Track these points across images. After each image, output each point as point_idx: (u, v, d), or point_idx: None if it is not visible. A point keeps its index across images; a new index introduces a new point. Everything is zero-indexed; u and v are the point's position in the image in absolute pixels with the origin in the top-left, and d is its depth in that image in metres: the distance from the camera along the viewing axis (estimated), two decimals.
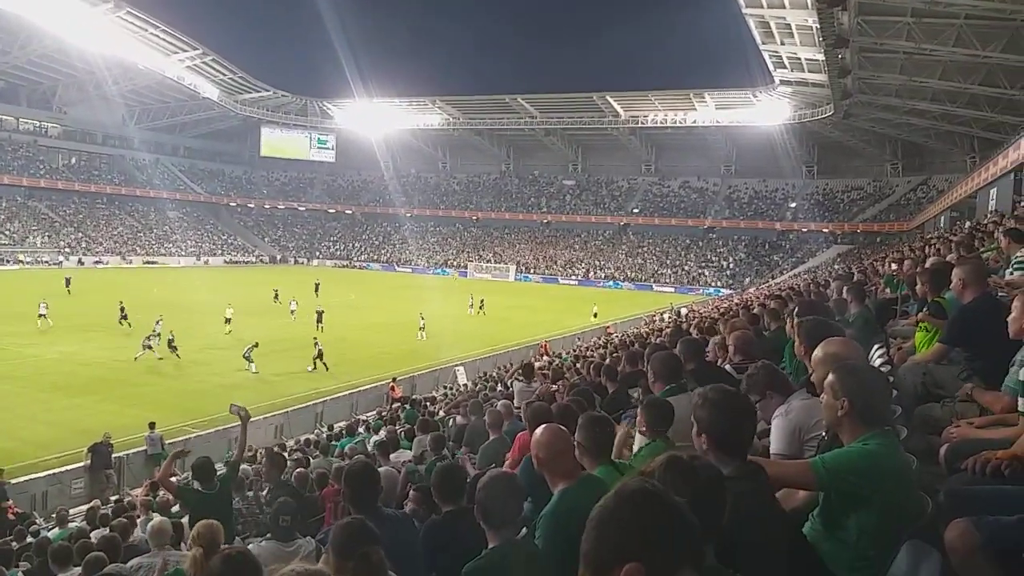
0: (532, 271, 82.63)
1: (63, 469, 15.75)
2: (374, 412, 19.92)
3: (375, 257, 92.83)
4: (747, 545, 2.21)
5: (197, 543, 4.71)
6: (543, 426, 3.69)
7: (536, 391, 9.48)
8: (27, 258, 68.78)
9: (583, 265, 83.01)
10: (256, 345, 26.83)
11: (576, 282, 78.00)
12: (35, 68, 78.66)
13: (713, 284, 72.91)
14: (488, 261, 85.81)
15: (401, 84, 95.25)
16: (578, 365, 14.90)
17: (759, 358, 4.84)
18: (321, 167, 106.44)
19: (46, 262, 69.27)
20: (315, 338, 28.95)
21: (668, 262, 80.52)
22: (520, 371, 12.10)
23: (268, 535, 5.47)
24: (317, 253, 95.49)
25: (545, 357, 24.67)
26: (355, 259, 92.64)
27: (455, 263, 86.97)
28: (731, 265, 77.24)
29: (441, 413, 13.69)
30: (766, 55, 52.06)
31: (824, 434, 3.26)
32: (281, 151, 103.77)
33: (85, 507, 13.09)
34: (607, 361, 10.74)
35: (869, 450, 2.65)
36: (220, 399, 22.40)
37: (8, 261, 66.75)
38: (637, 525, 1.57)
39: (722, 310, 21.12)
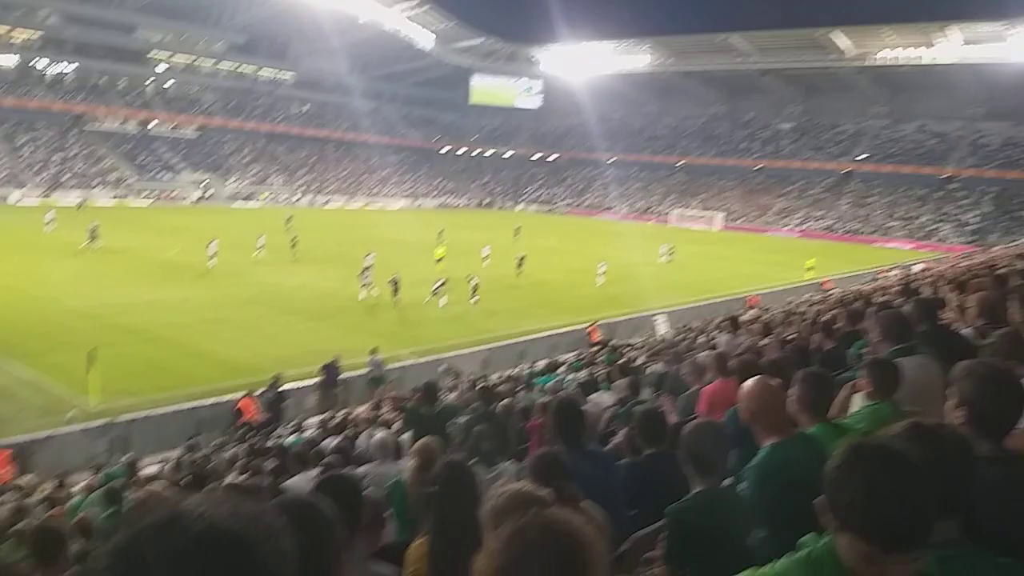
0: (741, 220, 78.97)
1: (299, 385, 17.71)
2: (573, 354, 20.32)
3: (576, 203, 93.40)
4: (999, 535, 2.04)
5: (416, 457, 5.14)
6: (755, 378, 3.59)
7: (743, 344, 9.17)
8: (268, 197, 77.13)
9: (798, 215, 78.00)
10: (445, 282, 28.14)
11: (789, 233, 73.57)
12: (272, 23, 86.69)
13: (951, 240, 65.45)
14: (693, 209, 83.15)
15: (609, 26, 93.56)
16: (789, 321, 14.16)
17: (1003, 324, 4.35)
18: (527, 114, 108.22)
19: (285, 200, 77.26)
20: (471, 277, 29.08)
21: (898, 214, 73.38)
22: (726, 323, 11.75)
23: (474, 459, 5.84)
24: (522, 198, 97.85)
25: (752, 311, 23.68)
26: (557, 204, 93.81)
27: (657, 210, 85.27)
28: (974, 220, 68.82)
29: (640, 360, 13.67)
30: None
31: None
32: (489, 98, 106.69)
33: (317, 419, 14.71)
34: (822, 318, 10.12)
35: None
36: (435, 331, 24.09)
37: (251, 199, 75.27)
38: (868, 486, 1.51)
39: (961, 269, 18.96)
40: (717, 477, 3.26)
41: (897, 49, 75.94)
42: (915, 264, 38.44)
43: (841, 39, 77.02)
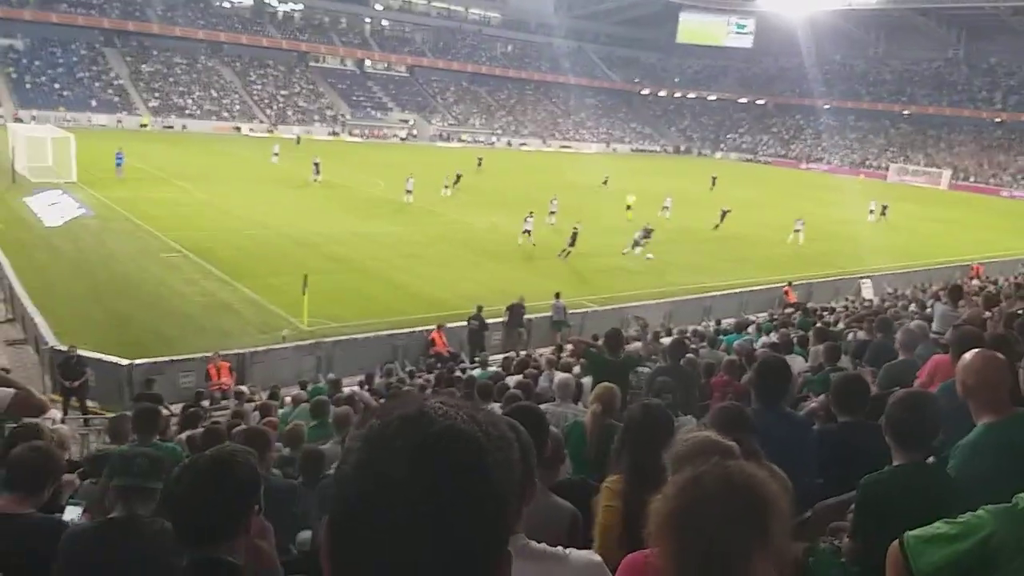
0: (972, 179, 70.51)
1: (487, 322, 18.44)
2: (765, 314, 19.43)
3: (783, 152, 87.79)
4: None
5: (597, 401, 5.21)
6: (977, 351, 3.29)
7: (963, 316, 8.30)
8: (467, 137, 79.65)
9: None
10: (649, 233, 27.58)
11: None
12: None
13: None
14: (916, 164, 75.27)
15: None
16: (1020, 294, 12.60)
17: None
18: (736, 54, 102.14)
19: (481, 142, 79.53)
20: (575, 225, 26.85)
21: None
22: (945, 292, 10.67)
23: None
24: (722, 145, 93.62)
25: (976, 281, 21.30)
26: (761, 153, 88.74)
27: (874, 164, 78.14)
28: None
29: (840, 325, 12.81)
30: None
31: None
32: (697, 37, 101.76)
33: (501, 356, 15.31)
34: None
35: None
36: (618, 279, 24.06)
37: (453, 139, 78.10)
38: None
39: None
40: (921, 452, 3.03)
41: None
42: None
43: None
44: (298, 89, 77.80)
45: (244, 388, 13.40)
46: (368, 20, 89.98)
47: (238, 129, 67.10)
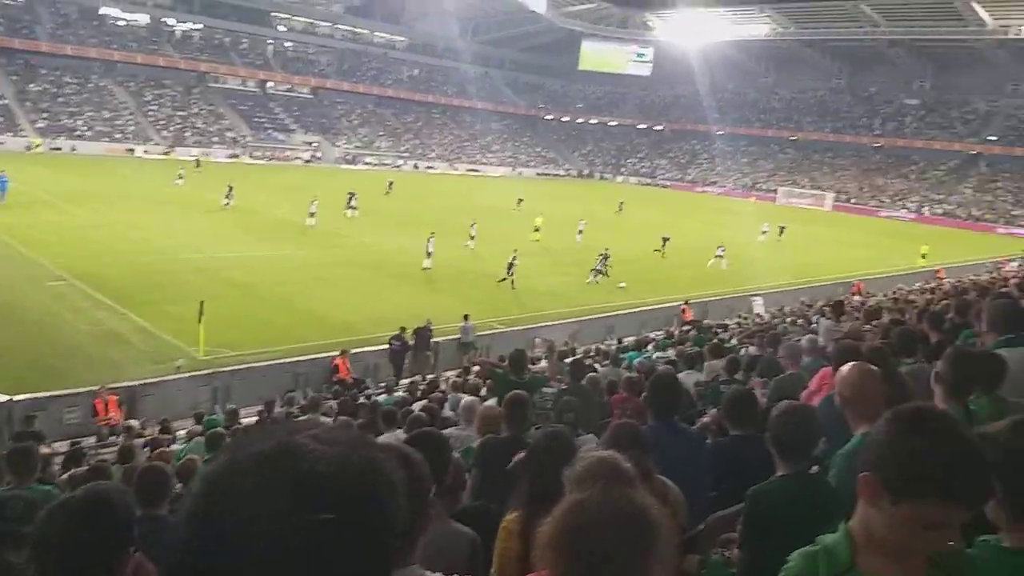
0: (853, 200, 75.10)
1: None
2: (663, 331, 20.03)
3: (680, 176, 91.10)
4: None
5: (482, 424, 5.21)
6: (853, 364, 3.46)
7: (844, 330, 8.79)
8: (373, 160, 78.97)
9: (916, 198, 73.50)
10: (606, 258, 28.53)
11: (904, 217, 69.55)
12: None
13: None
14: (802, 187, 79.60)
15: None
16: (896, 308, 13.47)
17: None
18: (635, 81, 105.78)
19: (387, 164, 79.02)
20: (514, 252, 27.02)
21: None
22: (828, 308, 11.28)
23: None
24: (622, 169, 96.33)
25: (857, 297, 22.63)
26: (659, 177, 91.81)
27: (764, 187, 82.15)
28: None
29: (733, 341, 13.33)
30: None
31: None
32: (598, 64, 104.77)
33: (407, 381, 15.12)
34: (934, 308, 9.56)
35: None
36: (526, 300, 24.27)
37: (357, 162, 77.30)
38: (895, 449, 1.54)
39: None
40: (802, 462, 3.16)
41: None
42: None
43: (980, 9, 71.34)
44: (196, 110, 75.28)
45: (134, 423, 12.72)
46: (270, 41, 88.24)
47: (132, 151, 64.25)
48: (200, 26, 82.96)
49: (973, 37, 74.81)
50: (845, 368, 3.50)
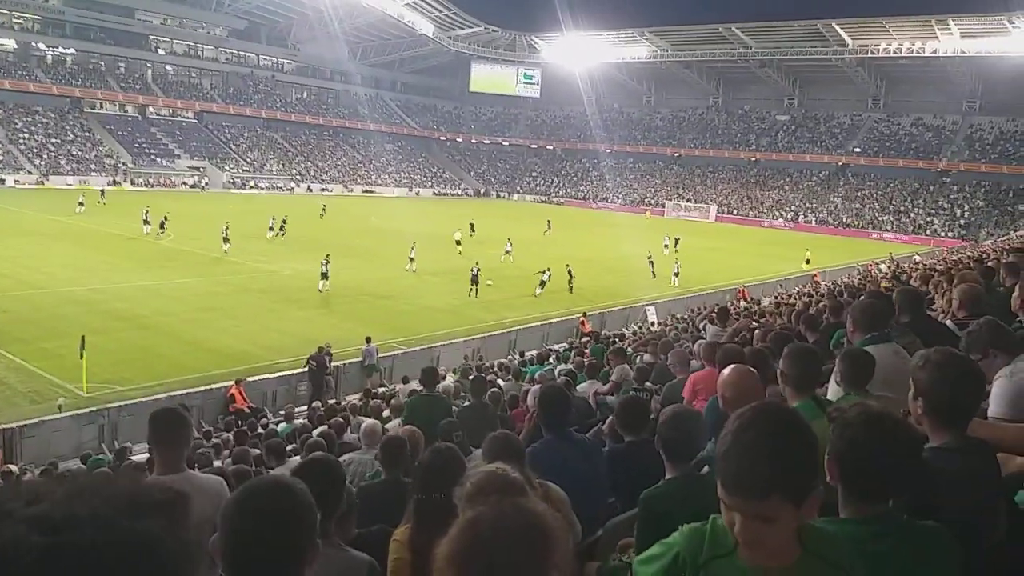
0: (735, 212, 78.92)
1: (291, 372, 17.72)
2: (564, 344, 20.37)
3: (572, 193, 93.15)
4: (961, 525, 2.07)
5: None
6: (732, 366, 3.63)
7: (730, 333, 9.22)
8: (264, 184, 76.82)
9: (791, 208, 78.01)
10: (546, 272, 29.23)
11: (782, 226, 73.62)
12: (273, 8, 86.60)
13: (943, 234, 65.63)
14: (688, 200, 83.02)
15: (609, 16, 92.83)
16: (779, 311, 14.23)
17: (986, 315, 4.37)
18: (526, 102, 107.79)
19: (279, 188, 76.94)
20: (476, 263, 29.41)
21: (891, 208, 73.48)
22: (714, 314, 11.79)
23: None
24: (518, 188, 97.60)
25: (743, 302, 23.76)
26: (554, 195, 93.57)
27: (652, 201, 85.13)
28: (965, 214, 69.00)
29: (629, 350, 13.71)
30: None
31: None
32: (489, 86, 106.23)
33: (307, 407, 14.72)
34: (809, 310, 10.16)
35: None
36: (426, 321, 24.09)
37: (248, 185, 74.98)
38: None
39: (951, 263, 19.04)
40: (690, 464, 3.29)
41: (896, 42, 75.78)
42: (905, 257, 38.54)
43: (841, 31, 76.88)
44: (71, 137, 71.04)
45: (12, 467, 11.79)
46: (150, 65, 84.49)
47: (2, 181, 59.90)
48: (72, 51, 78.63)
49: (835, 57, 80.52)
50: (726, 371, 3.67)
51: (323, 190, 79.93)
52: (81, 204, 44.27)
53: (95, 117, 75.72)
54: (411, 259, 32.53)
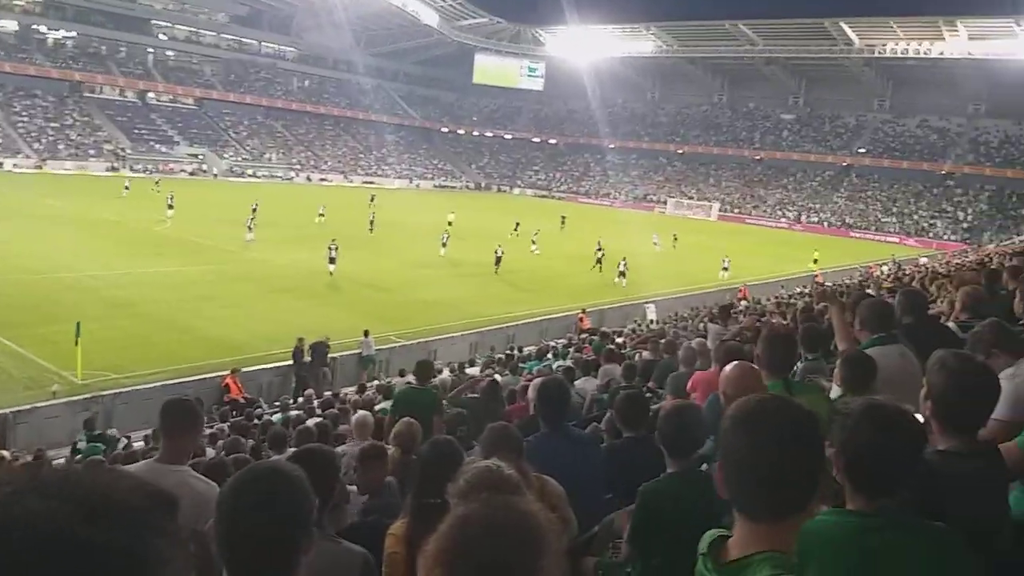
0: (737, 210, 78.79)
1: (286, 363, 17.66)
2: (564, 339, 20.31)
3: (574, 188, 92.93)
4: (968, 529, 2.02)
5: (396, 442, 5.08)
6: (733, 362, 3.60)
7: (729, 333, 9.15)
8: (264, 173, 76.76)
9: (795, 207, 77.90)
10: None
11: (784, 225, 73.50)
12: None
13: (945, 237, 65.54)
14: (690, 198, 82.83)
15: (614, 9, 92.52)
16: (782, 311, 14.18)
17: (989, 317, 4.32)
18: (529, 95, 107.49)
19: (279, 177, 76.82)
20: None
21: (895, 209, 73.36)
22: (716, 313, 11.74)
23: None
24: (519, 182, 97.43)
25: (744, 302, 23.71)
26: (555, 190, 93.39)
27: (655, 198, 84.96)
28: (969, 217, 68.89)
29: (627, 350, 13.66)
30: None
31: None
32: (492, 78, 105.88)
33: (302, 398, 14.65)
34: (810, 311, 10.10)
35: None
36: (421, 313, 24.02)
37: (247, 174, 74.95)
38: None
39: (954, 265, 18.98)
40: (690, 460, 3.24)
41: (904, 42, 75.55)
42: (908, 259, 38.51)
43: (848, 30, 76.68)
44: (71, 121, 70.82)
45: (5, 453, 11.78)
46: (151, 50, 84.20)
47: (0, 165, 59.77)
48: (74, 34, 78.28)
49: (842, 56, 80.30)
50: (728, 368, 3.63)
51: (323, 180, 79.79)
52: (127, 188, 47.02)
53: (95, 102, 75.51)
54: (444, 244, 35.18)
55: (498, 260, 32.34)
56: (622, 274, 32.03)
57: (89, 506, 0.62)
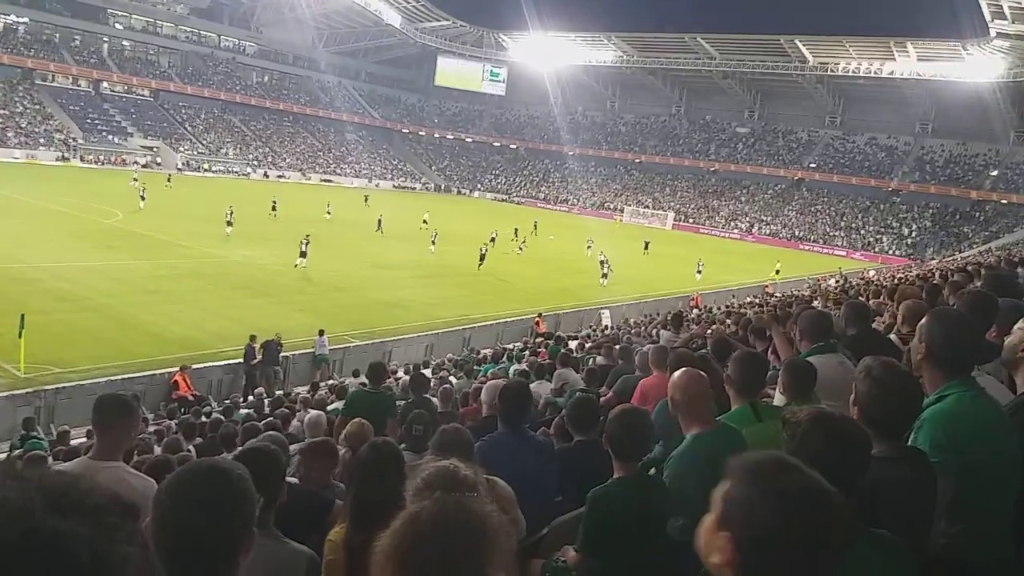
0: (691, 220, 79.97)
1: (237, 361, 17.38)
2: (519, 343, 20.39)
3: (534, 194, 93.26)
4: (900, 533, 2.11)
5: (347, 443, 5.06)
6: (682, 369, 3.66)
7: (684, 339, 9.32)
8: (220, 167, 75.32)
9: (747, 219, 79.39)
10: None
11: (736, 236, 74.83)
12: None
13: (890, 252, 67.52)
14: (646, 207, 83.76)
15: (577, 18, 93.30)
16: (729, 321, 14.47)
17: None
18: (491, 100, 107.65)
19: (235, 172, 75.47)
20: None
21: (842, 224, 75.26)
22: (669, 320, 11.92)
23: (402, 444, 5.80)
24: (479, 185, 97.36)
25: (696, 310, 24.11)
26: (515, 194, 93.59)
27: (612, 205, 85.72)
28: (913, 233, 71.07)
29: (580, 355, 13.78)
30: (983, 3, 46.47)
31: None
32: (454, 81, 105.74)
33: (252, 397, 14.47)
34: (756, 321, 10.33)
35: (942, 410, 2.55)
36: (380, 315, 23.87)
37: (202, 168, 73.47)
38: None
39: (897, 279, 19.60)
40: (637, 463, 3.32)
41: (855, 61, 77.61)
42: (854, 272, 39.59)
43: (802, 47, 78.55)
44: (21, 109, 68.56)
45: None
46: (106, 39, 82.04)
47: None
48: (26, 20, 75.93)
49: (796, 72, 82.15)
50: (676, 374, 3.70)
51: (280, 177, 78.64)
52: (135, 180, 47.12)
53: (46, 90, 73.30)
54: (433, 242, 36.89)
55: (482, 258, 33.80)
56: (604, 275, 33.93)
57: (55, 498, 0.63)
